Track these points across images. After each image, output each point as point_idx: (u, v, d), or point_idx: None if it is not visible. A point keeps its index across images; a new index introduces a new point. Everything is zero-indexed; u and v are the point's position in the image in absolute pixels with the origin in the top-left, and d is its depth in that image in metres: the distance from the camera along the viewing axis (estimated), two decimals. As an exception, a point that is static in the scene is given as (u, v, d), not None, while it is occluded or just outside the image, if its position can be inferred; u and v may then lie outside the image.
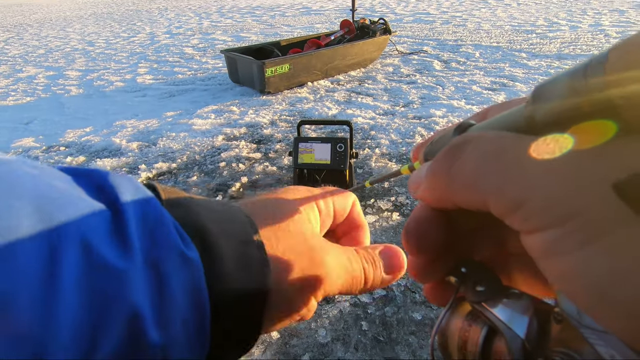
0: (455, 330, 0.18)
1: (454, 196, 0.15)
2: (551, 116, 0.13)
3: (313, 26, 7.06)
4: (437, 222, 0.18)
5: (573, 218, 0.11)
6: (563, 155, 0.12)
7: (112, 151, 2.48)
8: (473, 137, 0.15)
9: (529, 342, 0.15)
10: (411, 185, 0.18)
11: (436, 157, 0.16)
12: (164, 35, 7.03)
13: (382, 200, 1.78)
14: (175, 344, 0.16)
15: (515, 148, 0.13)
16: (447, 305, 0.19)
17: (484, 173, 0.14)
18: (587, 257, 0.11)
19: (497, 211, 0.13)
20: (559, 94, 0.12)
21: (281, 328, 0.20)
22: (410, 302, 1.25)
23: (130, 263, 0.15)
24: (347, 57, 3.74)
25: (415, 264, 0.19)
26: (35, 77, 4.49)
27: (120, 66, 4.81)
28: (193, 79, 4.04)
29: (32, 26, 9.60)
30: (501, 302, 0.17)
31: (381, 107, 2.97)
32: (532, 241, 0.13)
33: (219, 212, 0.20)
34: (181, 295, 0.16)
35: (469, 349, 0.17)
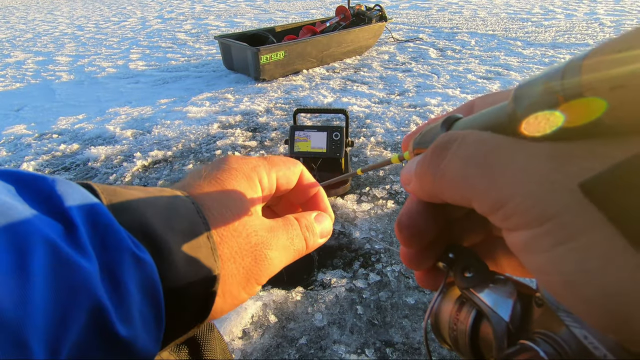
0: (446, 313, 0.20)
1: (441, 194, 0.16)
2: (531, 116, 0.14)
3: (308, 11, 6.95)
4: (428, 214, 0.19)
5: (548, 220, 0.12)
6: (540, 158, 0.13)
7: (107, 139, 2.46)
8: (458, 136, 0.16)
9: (512, 324, 0.16)
10: (402, 179, 0.19)
11: (423, 156, 0.17)
12: (156, 19, 6.88)
13: (377, 188, 1.81)
14: (139, 336, 0.17)
15: (497, 150, 0.14)
16: (438, 290, 0.20)
17: (467, 175, 0.15)
18: (559, 256, 0.12)
19: (480, 210, 0.15)
20: (536, 95, 0.13)
21: (229, 312, 0.22)
22: (404, 287, 1.29)
23: (91, 265, 0.16)
24: (342, 44, 3.71)
25: (408, 254, 0.20)
26: (24, 63, 4.39)
27: (111, 52, 4.72)
28: (186, 66, 3.99)
29: (19, 9, 9.32)
30: (487, 287, 0.18)
31: (377, 96, 2.97)
32: (512, 238, 0.14)
33: (167, 208, 0.20)
34: (138, 294, 0.17)
35: (459, 331, 0.19)
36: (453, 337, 0.19)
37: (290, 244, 0.24)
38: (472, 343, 0.18)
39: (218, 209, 0.22)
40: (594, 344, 0.13)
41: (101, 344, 0.16)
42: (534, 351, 0.14)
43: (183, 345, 0.32)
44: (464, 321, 0.19)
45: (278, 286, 1.31)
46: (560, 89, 0.12)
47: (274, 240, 0.23)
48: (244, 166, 0.24)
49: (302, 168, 0.28)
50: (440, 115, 0.19)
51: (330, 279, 1.33)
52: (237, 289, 0.22)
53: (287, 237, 0.24)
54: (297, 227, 0.25)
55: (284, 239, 0.24)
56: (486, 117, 0.16)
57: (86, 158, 2.24)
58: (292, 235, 0.24)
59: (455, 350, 0.20)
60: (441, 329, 0.20)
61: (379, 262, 1.40)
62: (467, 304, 0.19)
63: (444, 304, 0.20)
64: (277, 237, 0.24)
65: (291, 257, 0.25)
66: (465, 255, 0.19)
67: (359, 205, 1.69)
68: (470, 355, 0.18)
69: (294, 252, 0.25)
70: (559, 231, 0.12)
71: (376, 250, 1.45)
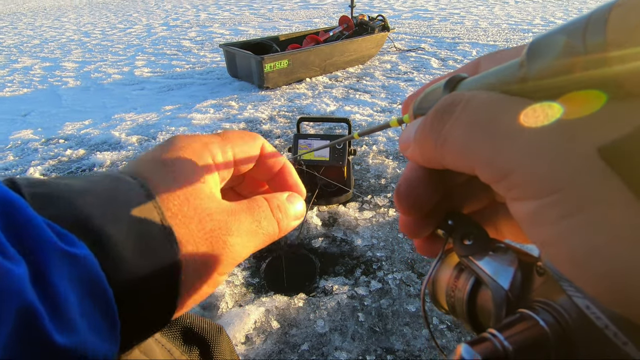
0: (444, 280, 0.19)
1: (442, 160, 0.15)
2: (545, 77, 0.12)
3: (311, 21, 7.04)
4: (428, 181, 0.18)
5: (556, 191, 0.12)
6: (552, 124, 0.12)
7: (112, 144, 2.50)
8: (463, 98, 0.15)
9: (512, 292, 0.16)
10: (401, 144, 0.18)
11: (424, 119, 0.16)
12: (161, 27, 6.97)
13: (379, 196, 1.83)
14: (87, 341, 0.15)
15: (505, 115, 0.13)
16: (437, 256, 0.20)
17: (472, 141, 0.14)
18: (566, 229, 0.11)
19: (484, 178, 0.14)
20: (555, 54, 0.12)
21: (191, 307, 0.20)
22: (405, 295, 1.31)
23: (18, 267, 0.14)
24: (345, 53, 3.76)
25: (407, 222, 0.19)
26: (31, 68, 4.46)
27: (117, 58, 4.78)
28: (191, 73, 4.04)
29: (26, 15, 9.46)
30: (487, 255, 0.17)
31: (379, 105, 3.01)
32: (516, 208, 0.13)
33: (109, 195, 0.18)
34: (74, 295, 0.15)
35: (456, 298, 0.19)
36: (451, 304, 0.19)
37: (257, 228, 0.22)
38: (469, 311, 0.18)
39: (166, 193, 0.19)
40: (596, 314, 0.13)
41: (35, 353, 0.13)
42: (533, 320, 0.14)
43: (194, 346, 0.34)
44: (462, 288, 0.18)
45: (280, 292, 1.32)
46: (580, 45, 0.11)
47: (235, 225, 0.21)
48: (193, 144, 0.22)
49: (263, 141, 0.26)
50: (444, 75, 0.18)
51: (332, 286, 1.34)
52: (196, 281, 0.20)
53: (252, 220, 0.22)
54: (266, 208, 0.23)
55: (248, 223, 0.22)
56: (494, 76, 0.15)
57: (92, 163, 2.27)
58: (259, 217, 0.22)
59: (453, 315, 0.19)
60: (438, 296, 0.20)
61: (381, 269, 1.41)
62: (466, 271, 0.19)
63: (442, 271, 0.20)
64: (239, 220, 0.21)
65: (260, 242, 0.22)
66: (465, 223, 0.19)
67: (361, 213, 1.71)
68: (468, 322, 0.18)
69: (263, 236, 0.22)
70: (568, 202, 0.11)
71: (378, 257, 1.47)
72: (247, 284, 1.37)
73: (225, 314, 1.25)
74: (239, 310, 1.25)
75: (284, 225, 0.24)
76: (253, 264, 1.45)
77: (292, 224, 0.25)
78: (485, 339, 0.14)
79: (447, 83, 0.17)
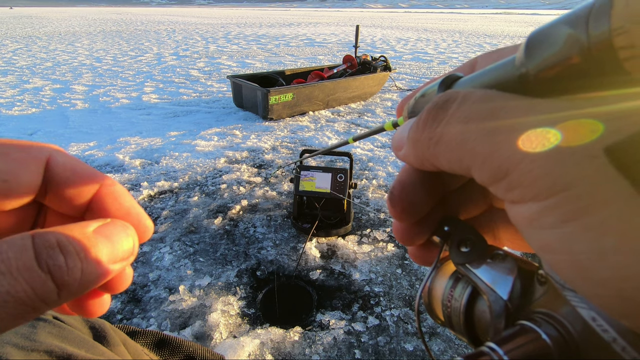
0: (440, 290, 0.18)
1: (436, 161, 0.14)
2: (547, 72, 0.11)
3: (316, 57, 7.34)
4: (422, 185, 0.17)
5: (558, 192, 0.11)
6: (555, 119, 0.11)
7: (115, 167, 2.53)
8: (458, 95, 0.14)
9: (511, 303, 0.15)
10: (394, 144, 0.17)
11: (418, 118, 0.15)
12: (171, 56, 7.23)
13: (378, 230, 1.84)
14: None
15: (503, 111, 0.12)
16: (432, 265, 0.19)
17: (467, 140, 0.13)
18: (569, 233, 0.11)
19: (480, 179, 0.13)
20: (556, 47, 0.11)
21: None
22: (403, 333, 1.29)
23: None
24: (348, 89, 3.91)
25: (401, 228, 0.18)
26: (41, 89, 4.57)
27: (126, 84, 4.92)
28: (198, 101, 4.16)
29: (41, 39, 9.81)
30: (485, 263, 0.16)
31: (379, 140, 3.08)
32: (515, 211, 0.12)
33: None
34: None
35: (453, 308, 0.18)
36: (447, 314, 0.18)
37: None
38: (466, 322, 0.17)
39: None
40: (603, 326, 0.12)
41: None
42: (534, 333, 0.13)
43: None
44: (459, 298, 0.17)
45: (276, 324, 1.30)
46: (584, 36, 0.10)
47: None
48: None
49: (52, 153, 0.17)
50: (440, 76, 0.17)
51: (329, 320, 1.32)
52: None
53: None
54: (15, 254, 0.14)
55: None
56: (491, 73, 0.14)
57: (94, 184, 2.28)
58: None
59: (449, 328, 0.18)
60: (434, 306, 0.19)
61: (378, 305, 1.40)
62: (463, 280, 0.18)
63: (438, 280, 0.19)
64: None
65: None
66: (461, 229, 0.18)
67: (360, 247, 1.72)
68: (465, 334, 0.17)
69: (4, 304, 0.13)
70: (571, 205, 0.11)
71: (376, 293, 1.46)
72: (242, 314, 1.35)
73: (219, 345, 1.22)
74: (233, 342, 1.22)
75: (72, 276, 0.14)
76: (249, 294, 1.44)
77: (104, 270, 0.16)
78: (483, 353, 0.13)
79: (442, 82, 0.16)
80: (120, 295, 1.42)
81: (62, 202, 0.18)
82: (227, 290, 1.45)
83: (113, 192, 0.19)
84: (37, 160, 0.17)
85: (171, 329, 1.27)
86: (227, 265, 1.59)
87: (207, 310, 1.35)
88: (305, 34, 12.74)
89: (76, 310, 0.18)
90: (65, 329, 0.40)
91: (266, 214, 1.96)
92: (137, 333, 0.53)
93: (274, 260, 1.62)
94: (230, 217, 1.94)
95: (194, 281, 1.49)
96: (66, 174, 0.17)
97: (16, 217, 0.18)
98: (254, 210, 2.01)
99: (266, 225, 1.87)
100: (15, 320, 0.13)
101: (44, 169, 0.17)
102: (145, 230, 0.19)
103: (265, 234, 1.80)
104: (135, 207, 0.19)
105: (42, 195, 0.17)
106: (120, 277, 0.18)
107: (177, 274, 1.53)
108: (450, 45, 9.60)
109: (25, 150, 0.16)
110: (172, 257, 1.63)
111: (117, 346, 0.44)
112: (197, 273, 1.54)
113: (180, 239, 1.75)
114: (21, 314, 0.13)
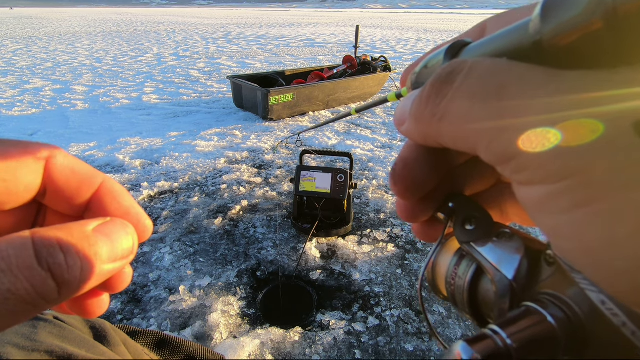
0: (444, 267, 0.18)
1: (440, 138, 0.13)
2: (565, 39, 0.10)
3: (316, 58, 7.34)
4: (425, 162, 0.16)
5: (571, 176, 0.10)
6: (572, 93, 0.10)
7: (115, 167, 2.53)
8: (465, 65, 0.13)
9: (517, 283, 0.14)
10: (396, 119, 0.16)
11: (421, 92, 0.14)
12: (171, 57, 7.24)
13: (378, 230, 1.84)
14: None
15: (514, 84, 0.11)
16: (436, 242, 0.18)
17: (473, 116, 0.12)
18: (581, 219, 0.10)
19: (487, 159, 0.12)
20: (577, 9, 0.10)
21: None
22: (403, 333, 1.29)
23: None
24: (348, 90, 3.91)
25: (404, 206, 0.18)
26: (41, 90, 4.58)
27: (126, 84, 4.93)
28: (198, 101, 4.16)
29: (42, 39, 9.81)
30: (491, 241, 0.16)
31: (379, 140, 3.08)
32: (523, 193, 0.12)
33: None
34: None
35: (456, 286, 0.17)
36: (450, 292, 0.18)
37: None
38: (470, 300, 0.17)
39: None
40: (613, 310, 0.11)
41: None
42: (540, 315, 0.13)
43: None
44: (463, 277, 0.17)
45: (276, 325, 1.30)
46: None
47: None
48: None
49: (51, 153, 0.17)
50: (447, 42, 0.16)
51: (329, 321, 1.32)
52: None
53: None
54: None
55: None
56: (502, 39, 0.13)
57: (94, 185, 2.28)
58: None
59: (453, 304, 0.18)
60: (438, 282, 0.18)
61: (378, 305, 1.40)
62: (467, 258, 0.17)
63: (442, 256, 0.18)
64: None
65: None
66: (467, 205, 0.17)
67: (360, 247, 1.72)
68: (469, 313, 0.17)
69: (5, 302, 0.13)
70: (583, 189, 0.10)
71: (376, 293, 1.46)
72: (242, 314, 1.35)
73: (219, 345, 1.22)
74: (233, 342, 1.22)
75: (72, 274, 0.14)
76: (250, 295, 1.44)
77: (104, 269, 0.16)
78: (486, 336, 0.12)
79: (448, 50, 0.15)
80: (121, 295, 1.42)
81: (61, 201, 0.18)
82: (227, 290, 1.45)
83: (112, 192, 0.19)
84: (37, 160, 0.17)
85: (171, 329, 1.27)
86: (227, 265, 1.59)
87: (208, 310, 1.35)
88: (305, 35, 12.75)
89: (75, 310, 0.18)
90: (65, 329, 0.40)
91: (266, 214, 1.96)
92: (137, 333, 0.53)
93: (274, 260, 1.62)
94: (230, 217, 1.94)
95: (194, 281, 1.49)
96: (66, 173, 0.18)
97: (16, 217, 0.18)
98: (254, 210, 2.01)
99: (266, 225, 1.87)
100: (15, 317, 0.13)
101: (44, 169, 0.17)
102: (145, 229, 0.19)
103: (266, 234, 1.80)
104: (134, 206, 0.19)
105: (41, 195, 0.18)
106: (120, 276, 0.18)
107: (177, 274, 1.53)
108: (450, 46, 9.58)
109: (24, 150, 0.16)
110: (173, 257, 1.63)
111: (117, 346, 0.44)
112: (198, 273, 1.54)
113: (181, 239, 1.75)
114: (21, 312, 0.14)
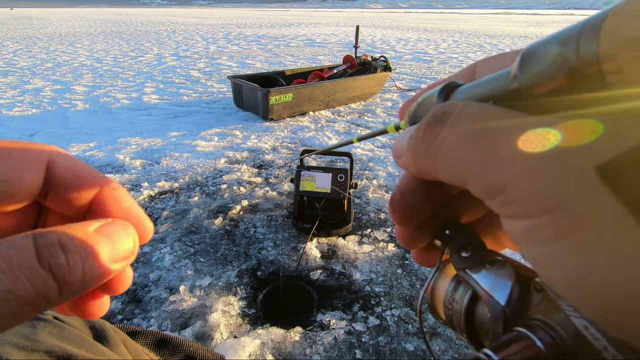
0: (442, 291, 0.19)
1: (434, 172, 0.15)
2: (537, 89, 0.12)
3: (316, 57, 7.34)
4: (422, 192, 0.17)
5: (551, 211, 0.11)
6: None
7: (116, 167, 2.53)
8: (454, 108, 0.14)
9: (509, 308, 0.15)
10: (394, 152, 0.17)
11: (416, 129, 0.15)
12: (171, 57, 7.24)
13: (379, 230, 1.84)
14: None
15: (498, 127, 0.13)
16: (434, 268, 0.19)
17: (463, 153, 0.13)
18: (560, 250, 0.11)
19: (476, 193, 0.13)
20: (546, 64, 0.11)
21: None
22: (403, 333, 1.28)
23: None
24: (348, 90, 3.90)
25: (403, 233, 0.19)
26: (42, 90, 4.58)
27: (127, 84, 4.93)
28: (198, 102, 4.16)
29: (42, 40, 9.82)
30: (484, 269, 0.17)
31: (379, 140, 3.08)
32: (509, 225, 0.13)
33: None
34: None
35: (454, 311, 0.18)
36: (448, 315, 0.19)
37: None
38: (467, 324, 0.18)
39: None
40: (594, 335, 0.12)
41: None
42: (530, 340, 0.14)
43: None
44: (459, 301, 0.18)
45: (277, 325, 1.30)
46: (573, 55, 0.10)
47: None
48: None
49: (52, 154, 0.17)
50: (441, 81, 0.18)
51: (330, 320, 1.32)
52: None
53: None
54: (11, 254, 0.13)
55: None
56: (488, 84, 0.14)
57: (94, 185, 2.28)
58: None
59: (451, 327, 0.19)
60: (437, 306, 0.20)
61: (379, 305, 1.40)
62: (463, 284, 0.18)
63: (441, 281, 0.19)
64: None
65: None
66: (462, 233, 0.18)
67: (360, 247, 1.71)
68: (466, 335, 0.18)
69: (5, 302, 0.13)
70: (562, 223, 0.11)
71: (376, 293, 1.45)
72: (243, 314, 1.35)
73: (219, 345, 1.22)
74: (233, 342, 1.22)
75: (73, 275, 0.14)
76: (250, 294, 1.44)
77: (105, 270, 0.15)
78: (479, 359, 0.13)
79: (441, 91, 0.17)
80: (121, 295, 1.42)
81: (62, 203, 0.18)
82: (227, 290, 1.45)
83: (113, 193, 0.19)
84: (38, 162, 0.17)
85: (172, 329, 1.27)
86: (227, 265, 1.59)
87: (208, 310, 1.35)
88: (305, 35, 12.75)
89: (75, 311, 0.18)
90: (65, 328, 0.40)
91: (266, 214, 1.96)
92: (137, 333, 0.53)
93: (274, 260, 1.62)
94: (230, 217, 1.94)
95: (194, 281, 1.49)
96: (67, 175, 0.18)
97: (17, 219, 0.18)
98: (255, 210, 2.01)
99: (266, 225, 1.87)
100: (16, 317, 0.13)
101: (45, 171, 0.17)
102: (145, 231, 0.19)
103: (266, 234, 1.80)
104: (135, 207, 0.19)
105: (42, 196, 0.18)
106: (121, 277, 0.18)
107: (177, 274, 1.53)
108: (450, 46, 9.60)
109: (26, 152, 0.16)
110: (173, 257, 1.63)
111: (117, 346, 0.44)
112: (198, 273, 1.54)
113: (181, 239, 1.75)
114: (22, 312, 0.14)
